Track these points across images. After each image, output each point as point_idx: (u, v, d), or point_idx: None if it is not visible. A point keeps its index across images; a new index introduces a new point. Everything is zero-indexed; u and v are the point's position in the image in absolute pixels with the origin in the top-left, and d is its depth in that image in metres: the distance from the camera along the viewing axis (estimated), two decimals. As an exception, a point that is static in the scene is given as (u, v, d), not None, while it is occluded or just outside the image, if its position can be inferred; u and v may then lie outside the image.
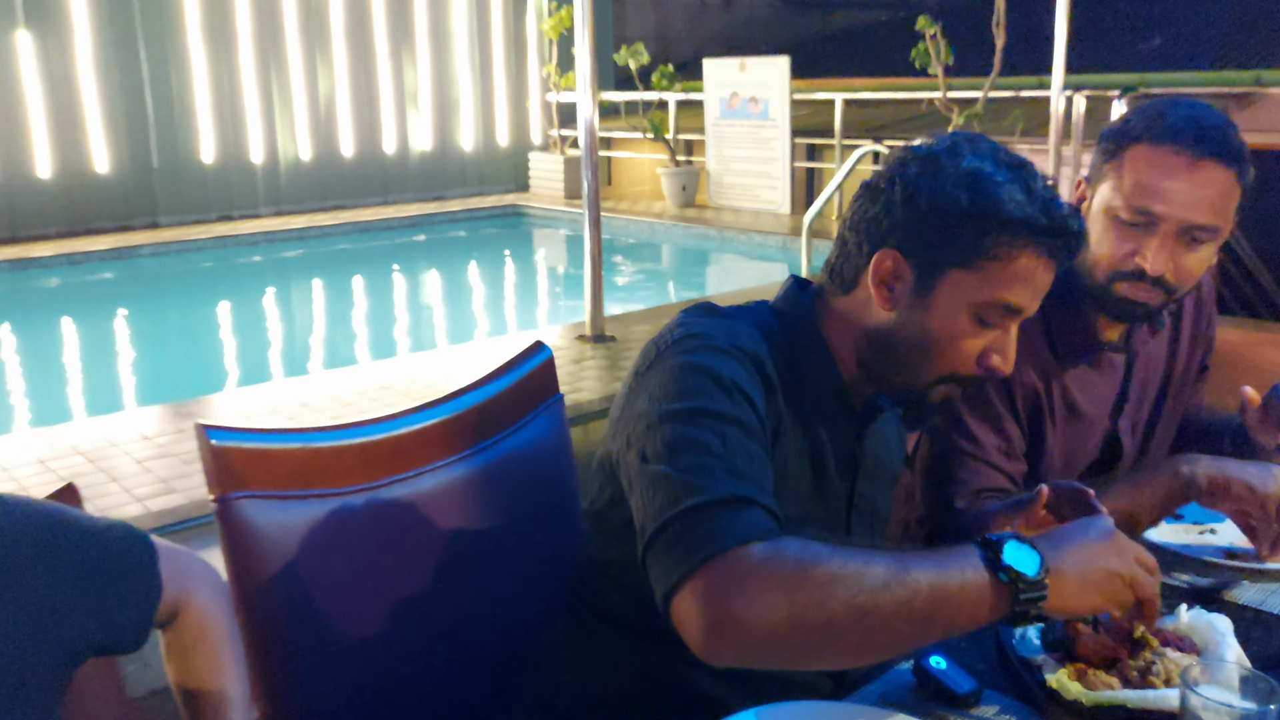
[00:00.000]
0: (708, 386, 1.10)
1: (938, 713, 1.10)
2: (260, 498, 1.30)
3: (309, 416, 4.34)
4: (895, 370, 1.20)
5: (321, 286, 9.07)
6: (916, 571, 0.97)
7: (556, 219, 10.87)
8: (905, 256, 1.16)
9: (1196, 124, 1.43)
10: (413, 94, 11.43)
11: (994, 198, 1.12)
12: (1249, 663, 1.11)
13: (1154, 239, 1.46)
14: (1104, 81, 8.02)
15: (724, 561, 0.97)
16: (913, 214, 1.15)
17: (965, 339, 1.17)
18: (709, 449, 1.05)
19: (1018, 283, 1.14)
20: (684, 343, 1.15)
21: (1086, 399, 1.63)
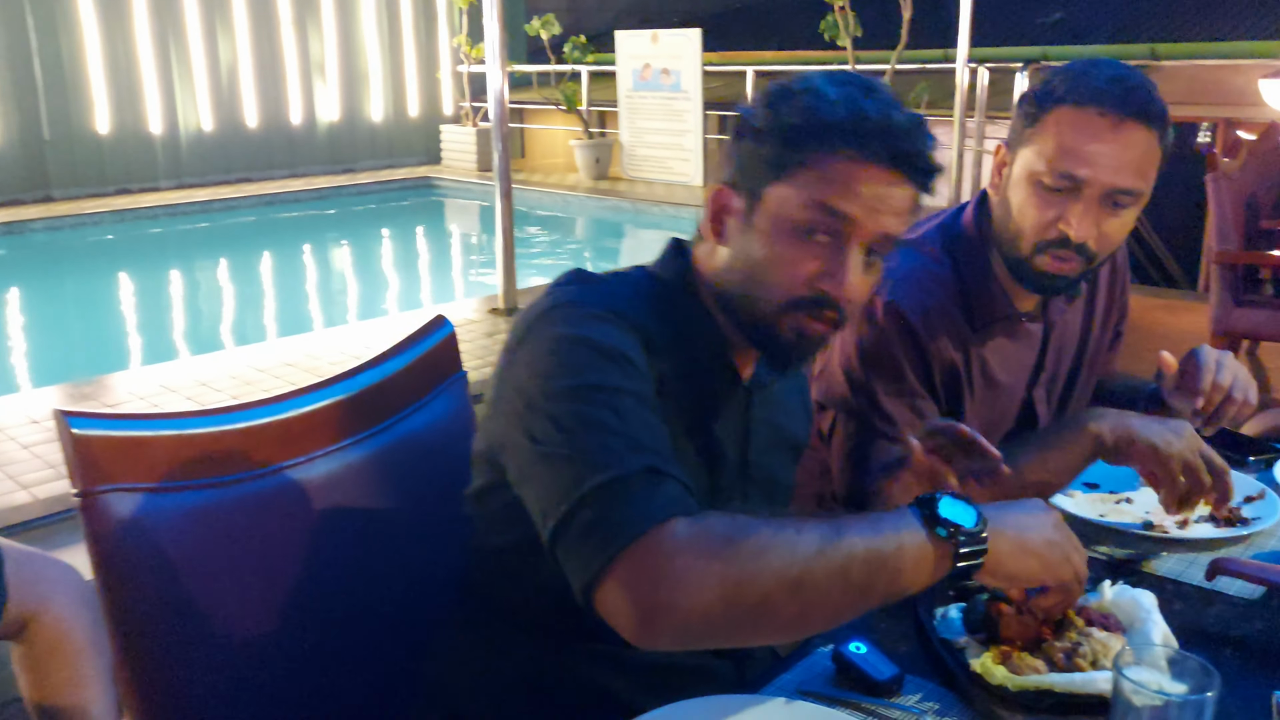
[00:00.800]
0: (590, 357, 1.02)
1: (857, 702, 1.05)
2: (130, 490, 1.19)
3: (208, 396, 4.17)
4: (741, 309, 1.13)
5: (226, 261, 8.78)
6: (851, 536, 0.92)
7: (469, 191, 10.68)
8: (735, 189, 1.12)
9: (1120, 84, 1.39)
10: (319, 64, 11.09)
11: (807, 107, 1.06)
12: (1174, 639, 1.08)
13: (1078, 204, 1.41)
14: (1007, 55, 8.13)
15: (647, 544, 0.91)
16: (736, 145, 1.12)
17: (792, 257, 1.08)
18: (604, 424, 0.98)
19: (837, 185, 1.05)
20: (556, 313, 1.07)
21: (1003, 369, 1.60)
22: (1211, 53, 7.69)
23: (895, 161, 1.05)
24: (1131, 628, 1.09)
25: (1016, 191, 1.47)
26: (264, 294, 7.81)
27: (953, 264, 1.57)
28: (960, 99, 7.68)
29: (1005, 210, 1.50)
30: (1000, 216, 1.52)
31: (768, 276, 1.09)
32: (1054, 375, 1.67)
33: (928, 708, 1.05)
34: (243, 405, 1.32)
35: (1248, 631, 1.18)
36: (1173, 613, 1.16)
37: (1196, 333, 4.51)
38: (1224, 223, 3.86)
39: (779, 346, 1.13)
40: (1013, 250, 1.49)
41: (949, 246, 1.59)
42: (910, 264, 1.57)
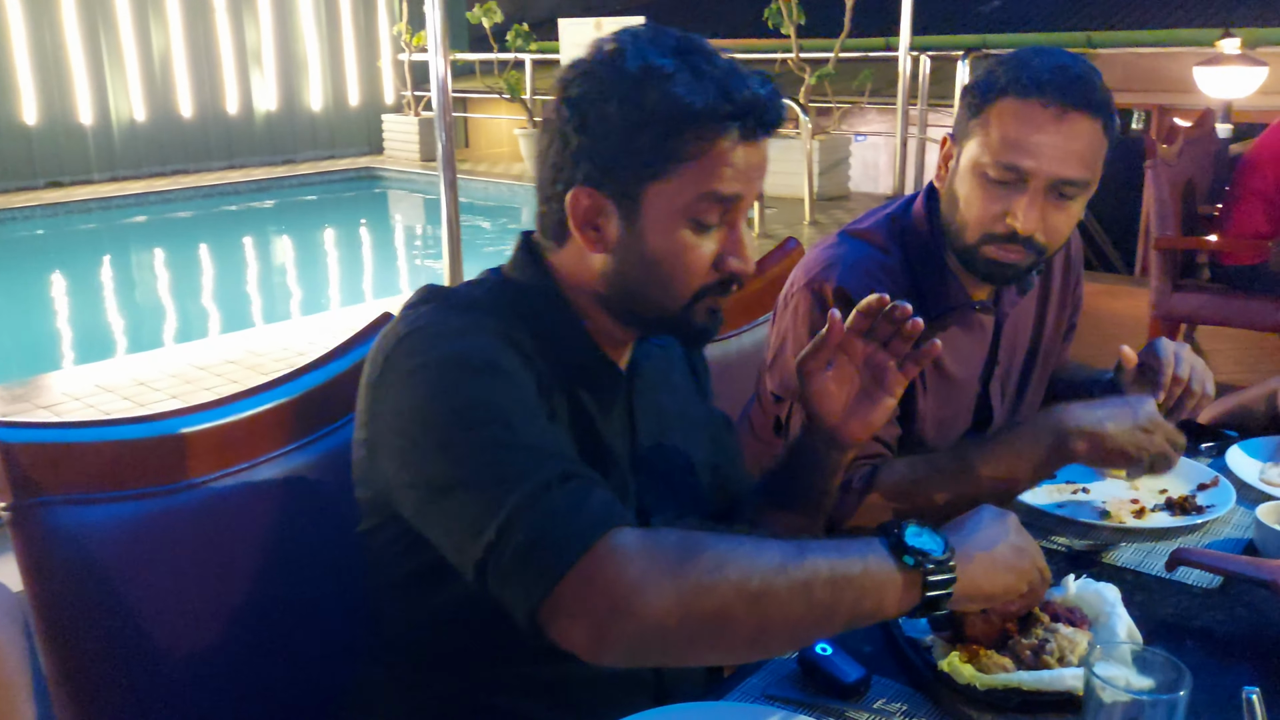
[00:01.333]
0: (461, 376, 0.97)
1: (825, 705, 1.03)
2: (62, 502, 1.13)
3: (146, 396, 4.06)
4: (641, 310, 1.09)
5: (163, 256, 8.58)
6: (814, 556, 0.89)
7: (413, 181, 10.55)
8: (598, 188, 1.04)
9: (1063, 73, 1.38)
10: (255, 52, 10.86)
11: (666, 95, 1.00)
12: (1139, 633, 1.07)
13: (1023, 197, 1.40)
14: (948, 43, 8.20)
15: (594, 557, 0.87)
16: (589, 140, 1.03)
17: (691, 251, 1.05)
18: (497, 441, 0.93)
19: (721, 171, 1.02)
20: (413, 340, 1.01)
21: (956, 361, 1.59)
22: (1146, 41, 7.83)
23: (764, 131, 1.04)
24: (1097, 622, 1.08)
25: (962, 184, 1.46)
26: (203, 289, 7.64)
27: (903, 254, 1.56)
28: (903, 87, 7.71)
29: (952, 202, 1.49)
30: (948, 209, 1.51)
31: (671, 273, 1.06)
32: (1008, 369, 1.67)
33: (895, 709, 1.03)
34: (181, 411, 1.26)
35: (1209, 622, 1.18)
36: (1134, 604, 1.15)
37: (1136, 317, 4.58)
38: (1163, 208, 3.91)
39: (694, 330, 1.11)
40: (959, 241, 1.48)
41: (899, 237, 1.57)
42: (858, 253, 1.55)
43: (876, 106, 8.50)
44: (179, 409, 1.26)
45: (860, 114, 8.69)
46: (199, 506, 1.22)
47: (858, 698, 1.04)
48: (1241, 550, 1.35)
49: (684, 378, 1.30)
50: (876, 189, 8.45)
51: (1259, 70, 5.32)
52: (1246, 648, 1.13)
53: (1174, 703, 0.85)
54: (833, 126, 8.42)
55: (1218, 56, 5.43)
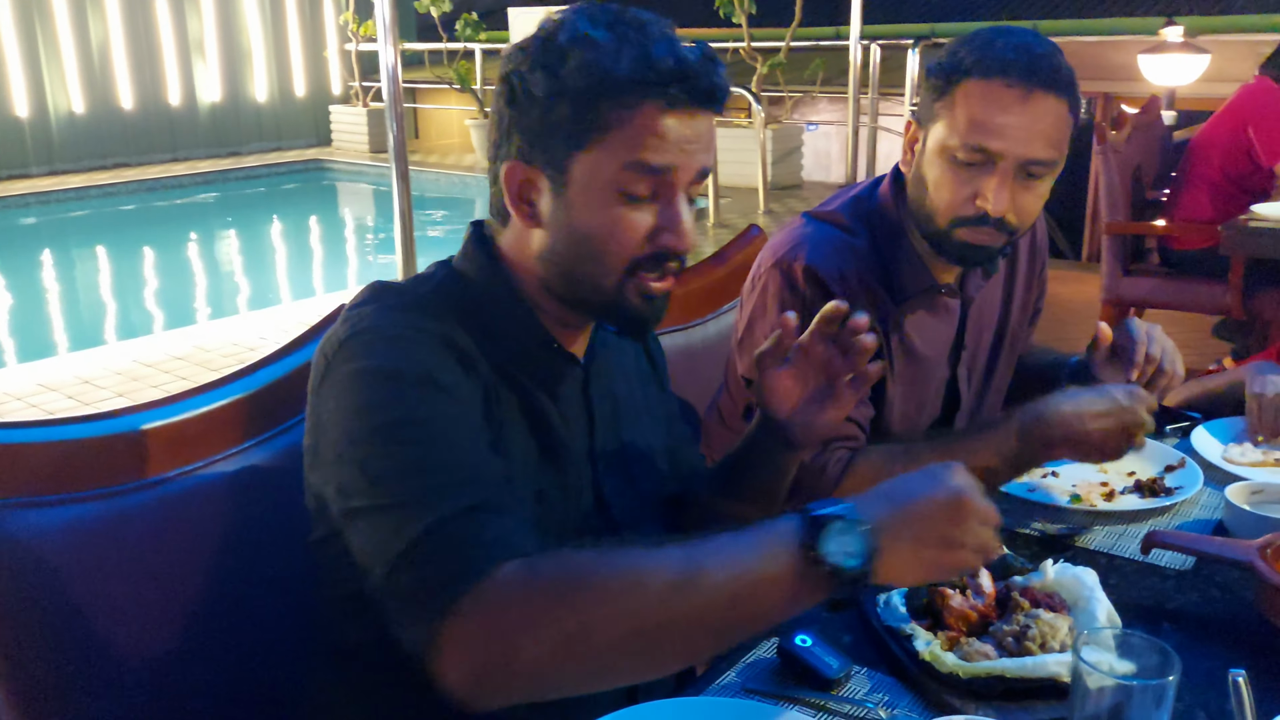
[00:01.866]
0: (393, 390, 0.95)
1: (806, 697, 1.01)
2: (11, 505, 1.09)
3: (91, 394, 3.96)
4: (577, 287, 1.06)
5: (106, 251, 8.38)
6: (712, 569, 0.84)
7: (362, 173, 10.40)
8: (529, 162, 1.03)
9: (1027, 53, 1.37)
10: (198, 41, 10.65)
11: (586, 64, 0.99)
12: (1117, 617, 1.07)
13: (993, 178, 1.39)
14: (898, 32, 8.24)
15: (473, 599, 0.84)
16: (517, 113, 1.03)
17: (620, 223, 1.02)
18: (416, 464, 0.92)
19: (648, 140, 0.99)
20: (353, 344, 0.99)
21: (924, 344, 1.58)
22: (1092, 29, 7.93)
23: (695, 101, 1.00)
24: (1076, 606, 1.08)
25: (931, 167, 1.45)
26: (148, 285, 7.48)
27: (869, 237, 1.55)
28: (854, 76, 7.75)
29: (920, 186, 1.48)
30: (915, 193, 1.49)
31: (601, 247, 1.03)
32: (975, 352, 1.66)
33: (878, 699, 1.02)
34: (134, 408, 1.22)
35: (1184, 604, 1.18)
36: (1109, 587, 1.15)
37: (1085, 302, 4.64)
38: (1113, 194, 3.96)
39: (629, 314, 1.07)
40: (929, 225, 1.47)
41: (866, 221, 1.56)
42: (824, 233, 1.54)
43: (828, 95, 8.53)
44: (131, 406, 1.22)
45: (812, 103, 8.71)
46: (153, 506, 1.18)
47: (839, 689, 1.03)
48: (1211, 531, 1.36)
49: (642, 364, 1.29)
50: (829, 178, 8.48)
51: (1201, 58, 5.40)
52: (1223, 629, 1.14)
53: (1163, 688, 0.84)
54: (785, 116, 8.43)
55: (1161, 44, 5.50)
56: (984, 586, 1.10)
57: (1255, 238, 3.31)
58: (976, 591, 1.09)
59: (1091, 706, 0.86)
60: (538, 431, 1.07)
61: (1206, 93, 5.76)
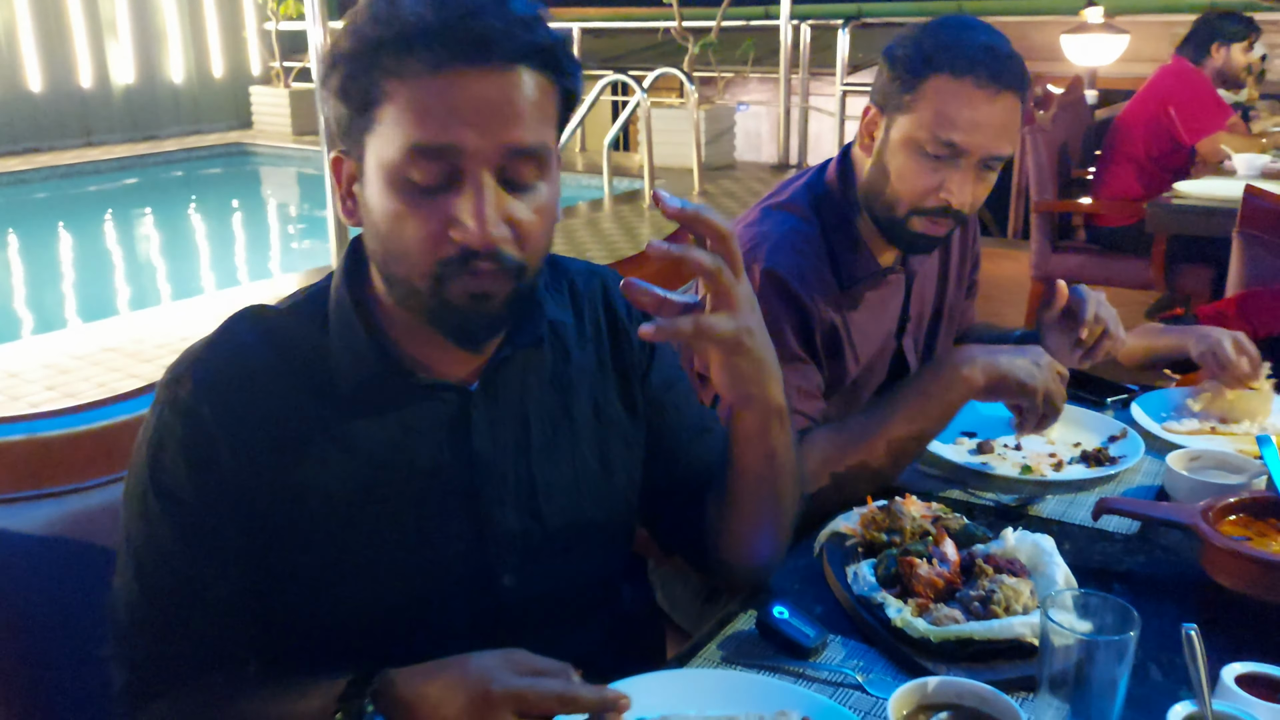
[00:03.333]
0: (145, 495, 0.98)
1: (785, 666, 1.05)
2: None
3: (21, 388, 3.85)
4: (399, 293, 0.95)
5: (18, 240, 8.09)
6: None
7: (287, 157, 10.19)
8: (345, 154, 0.94)
9: (993, 53, 1.43)
10: (109, 21, 10.30)
11: (349, 32, 0.89)
12: (1074, 579, 1.12)
13: (958, 173, 1.45)
14: (827, 11, 8.33)
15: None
16: (325, 95, 0.93)
17: (410, 219, 0.89)
18: (133, 591, 1.00)
19: (414, 115, 0.86)
20: (164, 394, 0.99)
21: (874, 320, 1.63)
22: (1015, 9, 8.10)
23: (465, 57, 0.85)
24: (1035, 570, 1.13)
25: (895, 157, 1.49)
26: (66, 275, 7.25)
27: (820, 224, 1.59)
28: (784, 56, 7.82)
29: (881, 173, 1.52)
30: (873, 179, 1.54)
31: (396, 246, 0.91)
32: (919, 323, 1.73)
33: (853, 665, 1.06)
34: (99, 402, 1.20)
35: (1132, 565, 1.25)
36: (1063, 552, 1.20)
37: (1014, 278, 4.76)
38: (1041, 173, 4.07)
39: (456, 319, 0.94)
40: (886, 212, 1.52)
41: (815, 205, 1.60)
42: (782, 227, 1.57)
43: (759, 75, 8.58)
44: (102, 399, 1.20)
45: (743, 83, 8.77)
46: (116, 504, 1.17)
47: (816, 657, 1.07)
48: (1153, 496, 1.43)
49: (603, 361, 1.13)
50: (759, 157, 8.54)
51: (1121, 38, 5.57)
52: (1170, 587, 1.20)
53: (1125, 643, 0.89)
54: (717, 96, 8.47)
55: (1083, 25, 5.65)
56: (949, 554, 1.14)
57: (1178, 215, 3.43)
58: (942, 559, 1.13)
59: (1059, 663, 0.91)
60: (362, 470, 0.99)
61: (1126, 72, 5.94)
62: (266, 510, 0.97)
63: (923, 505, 1.25)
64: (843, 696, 1.01)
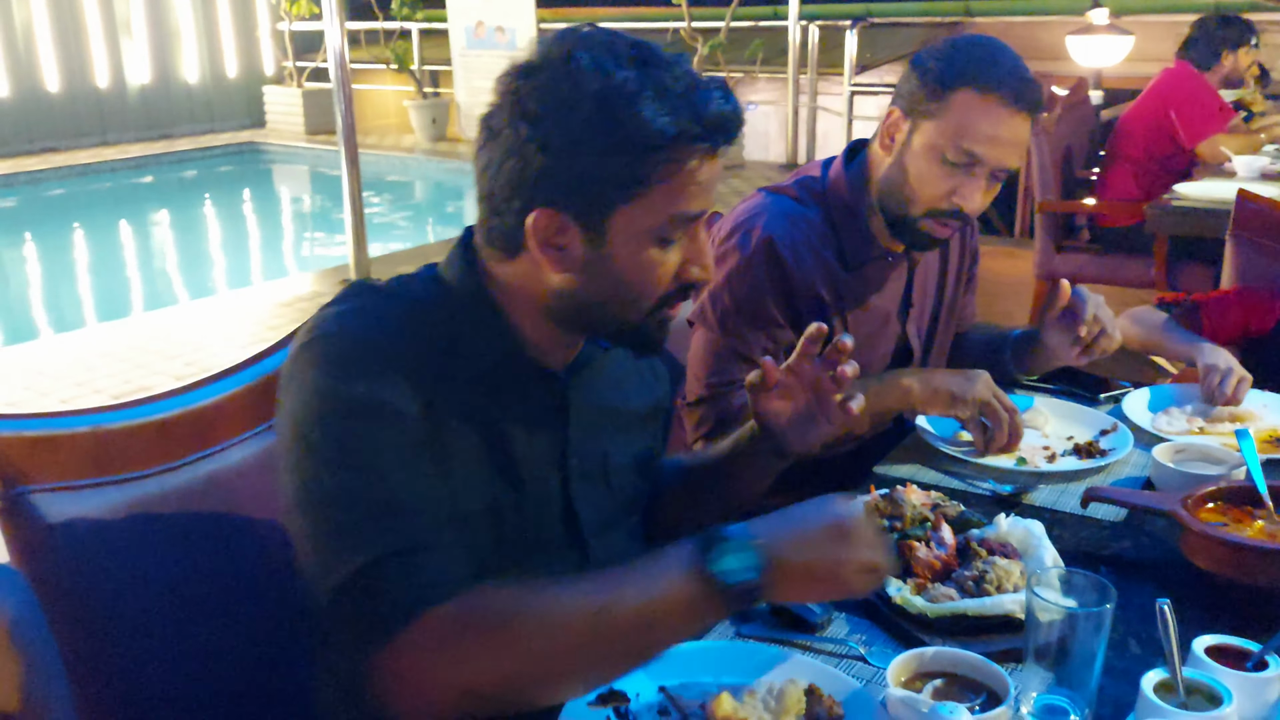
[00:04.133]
0: (347, 413, 0.99)
1: (793, 639, 1.14)
2: (49, 490, 1.16)
3: (49, 384, 3.95)
4: (599, 323, 1.10)
5: (35, 239, 8.20)
6: (622, 602, 0.93)
7: (299, 156, 10.29)
8: (562, 211, 1.02)
9: (1018, 76, 1.54)
10: (125, 21, 10.41)
11: (636, 119, 0.97)
12: (1061, 561, 1.21)
13: (973, 181, 1.56)
14: (836, 12, 8.38)
15: (404, 642, 0.94)
16: (553, 162, 1.00)
17: (658, 267, 1.05)
18: (354, 497, 0.97)
19: (690, 190, 1.02)
20: (315, 349, 1.03)
21: (876, 303, 1.73)
22: (1021, 9, 8.15)
23: (725, 143, 1.03)
24: (1026, 554, 1.22)
25: (916, 161, 1.59)
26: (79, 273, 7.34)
27: (822, 213, 1.69)
28: (793, 56, 7.89)
29: (899, 173, 1.62)
30: (891, 176, 1.63)
31: (637, 291, 1.06)
32: (921, 311, 1.82)
33: (856, 638, 1.15)
34: (154, 396, 1.29)
35: (1118, 549, 1.34)
36: (1054, 537, 1.29)
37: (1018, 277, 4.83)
38: (1045, 174, 4.14)
39: (647, 339, 1.12)
40: (899, 210, 1.62)
41: (818, 199, 1.70)
42: (781, 204, 1.69)
43: (767, 76, 8.65)
44: (153, 395, 1.29)
45: (751, 83, 8.84)
46: (181, 489, 1.25)
47: (822, 630, 1.16)
48: (1141, 486, 1.51)
49: (638, 371, 1.29)
50: (768, 157, 8.61)
51: (1126, 39, 5.62)
52: (1152, 569, 1.29)
53: (1102, 615, 0.98)
54: (724, 96, 8.52)
55: (1088, 26, 5.71)
56: (945, 539, 1.23)
57: (1178, 216, 3.50)
58: (940, 543, 1.22)
59: (1043, 635, 0.99)
60: (493, 448, 1.09)
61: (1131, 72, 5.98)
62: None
63: (923, 494, 1.33)
64: (846, 667, 1.10)
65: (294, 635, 1.32)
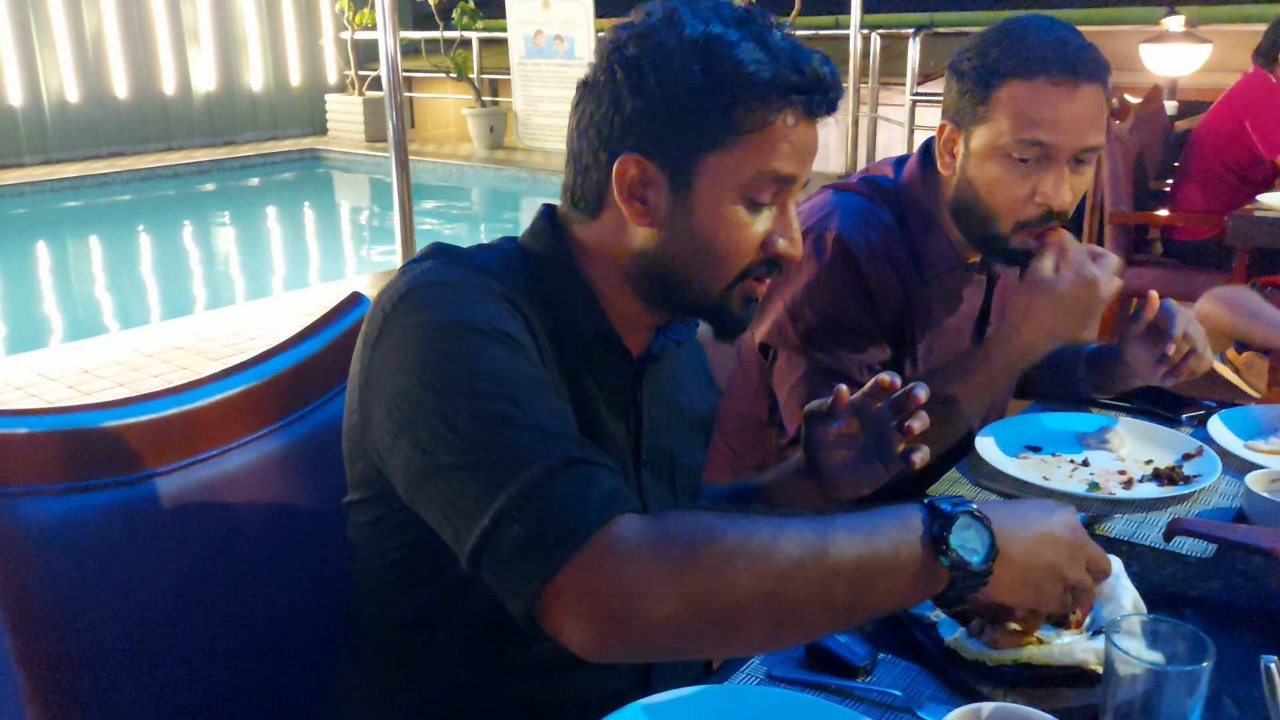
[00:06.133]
0: (469, 341, 0.91)
1: (830, 684, 1.01)
2: (27, 493, 1.07)
3: (91, 384, 3.94)
4: (681, 290, 1.03)
5: (101, 241, 8.35)
6: (841, 547, 0.83)
7: (359, 163, 10.38)
8: (649, 157, 0.98)
9: (1062, 47, 1.37)
10: (192, 30, 10.61)
11: (733, 61, 0.95)
12: (1143, 604, 1.06)
13: (1050, 173, 1.39)
14: (898, 21, 8.22)
15: (595, 550, 0.82)
16: (645, 104, 0.96)
17: (743, 229, 1.00)
18: (503, 417, 0.87)
19: (781, 148, 0.98)
20: (417, 295, 0.94)
21: (952, 317, 1.58)
22: (1092, 19, 7.91)
23: (827, 109, 1.00)
24: (1101, 593, 1.07)
25: (981, 169, 1.44)
26: (143, 275, 7.45)
27: (897, 216, 1.54)
28: (854, 66, 7.73)
29: (969, 189, 1.47)
30: (962, 195, 1.48)
31: (721, 253, 1.01)
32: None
33: (902, 687, 1.01)
34: (148, 395, 1.20)
35: (1206, 591, 1.18)
36: (1131, 574, 1.14)
37: (1088, 292, 4.62)
38: (1117, 184, 3.95)
39: (730, 317, 1.06)
40: (984, 229, 1.46)
41: (889, 201, 1.56)
42: (853, 203, 1.54)
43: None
44: (145, 394, 1.20)
45: (810, 93, 8.70)
46: (170, 495, 1.16)
47: (864, 676, 1.02)
48: (1231, 518, 1.35)
49: (699, 378, 1.25)
50: (827, 168, 8.46)
51: (1203, 48, 5.40)
52: (1247, 615, 1.13)
53: (1197, 674, 0.83)
54: (783, 105, 8.41)
55: (1163, 34, 5.49)
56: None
57: (1260, 228, 3.31)
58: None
59: (1124, 693, 0.85)
60: (583, 421, 1.02)
61: (1208, 83, 5.75)
62: None
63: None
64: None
65: (288, 652, 1.23)
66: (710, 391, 1.28)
